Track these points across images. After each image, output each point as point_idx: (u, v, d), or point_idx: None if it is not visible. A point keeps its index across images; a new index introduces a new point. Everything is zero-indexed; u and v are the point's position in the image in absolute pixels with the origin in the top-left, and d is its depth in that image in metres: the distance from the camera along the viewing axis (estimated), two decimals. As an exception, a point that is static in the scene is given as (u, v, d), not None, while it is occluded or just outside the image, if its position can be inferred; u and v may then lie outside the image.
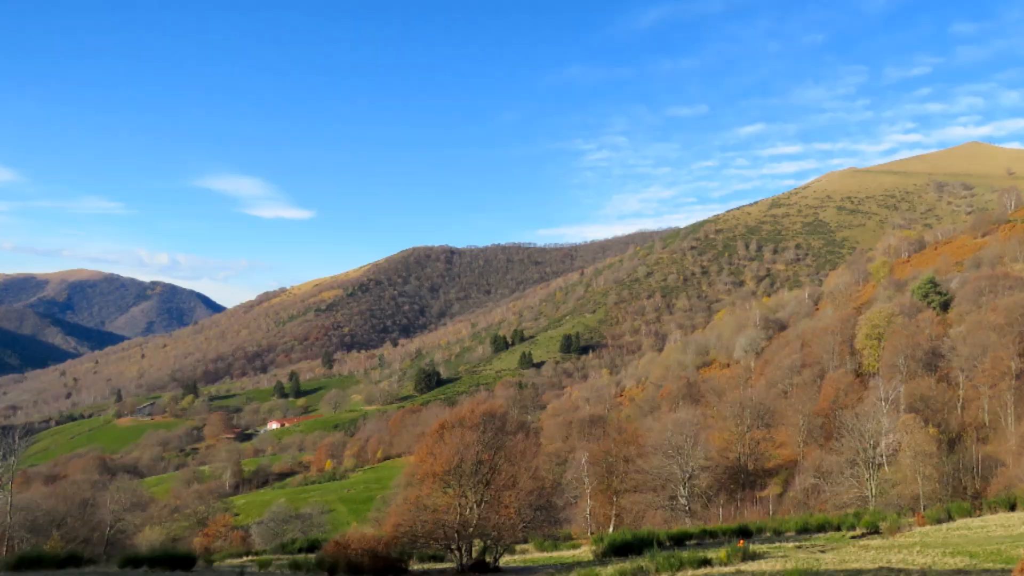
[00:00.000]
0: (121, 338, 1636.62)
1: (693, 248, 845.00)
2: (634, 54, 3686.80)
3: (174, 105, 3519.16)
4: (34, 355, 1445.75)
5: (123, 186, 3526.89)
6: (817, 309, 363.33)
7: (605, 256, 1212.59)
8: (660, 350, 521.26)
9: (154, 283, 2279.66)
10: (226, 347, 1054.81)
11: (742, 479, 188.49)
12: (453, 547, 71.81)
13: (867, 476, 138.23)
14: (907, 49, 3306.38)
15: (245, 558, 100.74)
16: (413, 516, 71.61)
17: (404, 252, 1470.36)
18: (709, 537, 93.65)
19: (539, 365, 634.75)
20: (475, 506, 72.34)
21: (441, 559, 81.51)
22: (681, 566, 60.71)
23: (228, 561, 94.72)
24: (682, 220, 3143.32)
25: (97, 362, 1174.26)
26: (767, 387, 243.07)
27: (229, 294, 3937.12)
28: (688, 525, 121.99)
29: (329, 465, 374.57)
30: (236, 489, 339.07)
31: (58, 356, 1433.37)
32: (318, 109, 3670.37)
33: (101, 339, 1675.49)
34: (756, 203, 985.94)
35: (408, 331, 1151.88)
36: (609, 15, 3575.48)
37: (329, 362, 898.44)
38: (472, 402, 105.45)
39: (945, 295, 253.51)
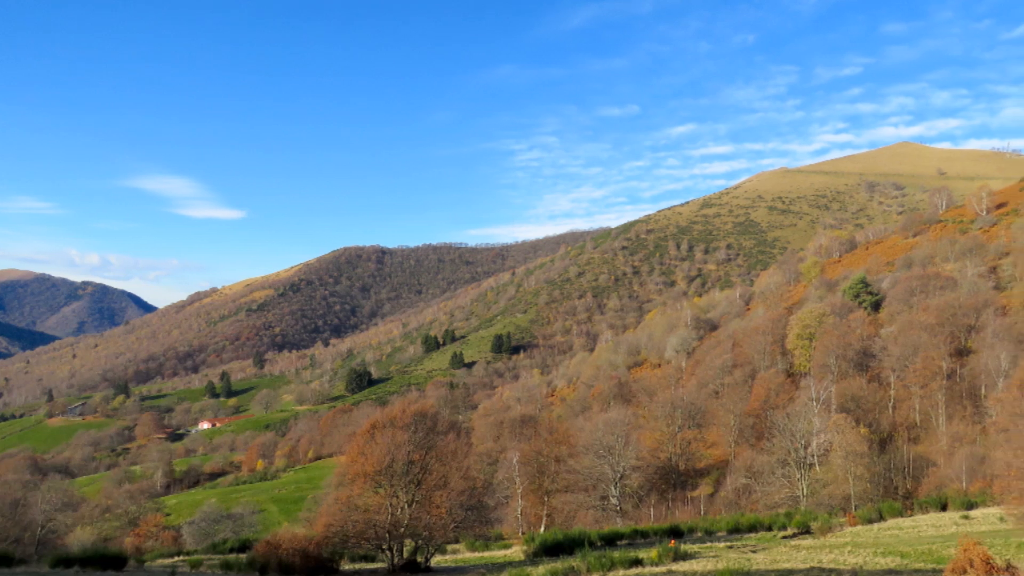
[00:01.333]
0: (52, 338, 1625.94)
1: (624, 248, 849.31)
2: (565, 54, 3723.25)
3: (105, 105, 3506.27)
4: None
5: (54, 186, 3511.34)
6: (748, 309, 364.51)
7: (536, 256, 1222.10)
8: (591, 350, 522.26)
9: (85, 283, 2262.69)
10: (157, 347, 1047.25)
11: (673, 479, 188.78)
12: (384, 547, 71.30)
13: (798, 476, 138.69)
14: (838, 49, 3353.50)
15: (176, 558, 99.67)
16: (344, 516, 70.94)
17: (335, 252, 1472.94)
18: (640, 537, 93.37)
19: (470, 365, 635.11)
20: (406, 506, 71.82)
21: (372, 559, 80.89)
22: (612, 566, 60.55)
23: (160, 561, 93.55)
24: (613, 220, 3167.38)
25: (28, 362, 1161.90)
26: (698, 387, 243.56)
27: (160, 294, 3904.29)
28: (619, 525, 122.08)
29: (260, 465, 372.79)
30: (167, 489, 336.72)
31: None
32: (249, 109, 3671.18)
33: (32, 339, 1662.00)
34: (687, 203, 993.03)
35: (339, 331, 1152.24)
36: (539, 15, 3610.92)
37: (260, 362, 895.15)
38: (403, 402, 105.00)
39: (876, 295, 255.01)
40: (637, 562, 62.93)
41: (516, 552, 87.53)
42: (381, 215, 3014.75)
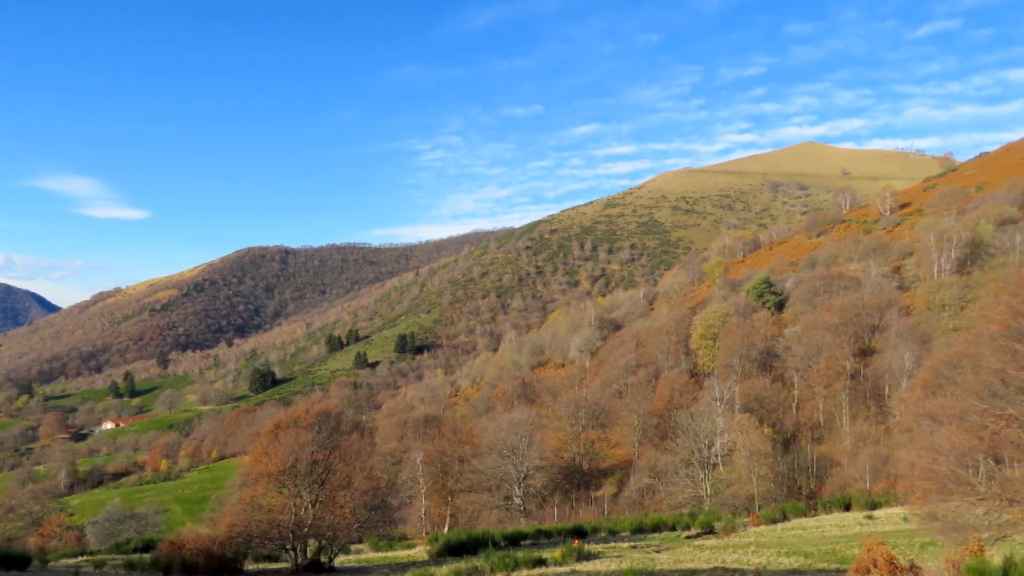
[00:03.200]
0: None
1: (528, 248, 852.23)
2: (468, 54, 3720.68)
3: (4, 104, 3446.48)
4: None
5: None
6: (652, 309, 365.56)
7: (440, 256, 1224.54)
8: (495, 350, 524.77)
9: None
10: (61, 347, 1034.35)
11: (577, 479, 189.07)
12: (288, 547, 71.10)
13: (702, 476, 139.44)
14: (742, 49, 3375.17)
15: (80, 558, 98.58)
16: (248, 516, 70.51)
17: (239, 252, 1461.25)
18: (544, 537, 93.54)
19: (374, 365, 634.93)
20: (310, 506, 71.56)
21: (276, 559, 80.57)
22: (516, 566, 60.54)
23: (63, 561, 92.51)
24: (517, 220, 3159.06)
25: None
26: (602, 387, 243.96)
27: (64, 294, 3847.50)
28: (523, 525, 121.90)
29: (164, 465, 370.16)
30: (71, 489, 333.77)
31: None
32: (151, 108, 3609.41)
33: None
34: (591, 203, 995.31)
35: (243, 331, 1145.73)
36: (442, 15, 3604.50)
37: (164, 362, 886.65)
38: (307, 402, 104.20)
39: (780, 295, 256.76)
40: (541, 562, 62.96)
41: (420, 552, 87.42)
42: (285, 215, 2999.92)
